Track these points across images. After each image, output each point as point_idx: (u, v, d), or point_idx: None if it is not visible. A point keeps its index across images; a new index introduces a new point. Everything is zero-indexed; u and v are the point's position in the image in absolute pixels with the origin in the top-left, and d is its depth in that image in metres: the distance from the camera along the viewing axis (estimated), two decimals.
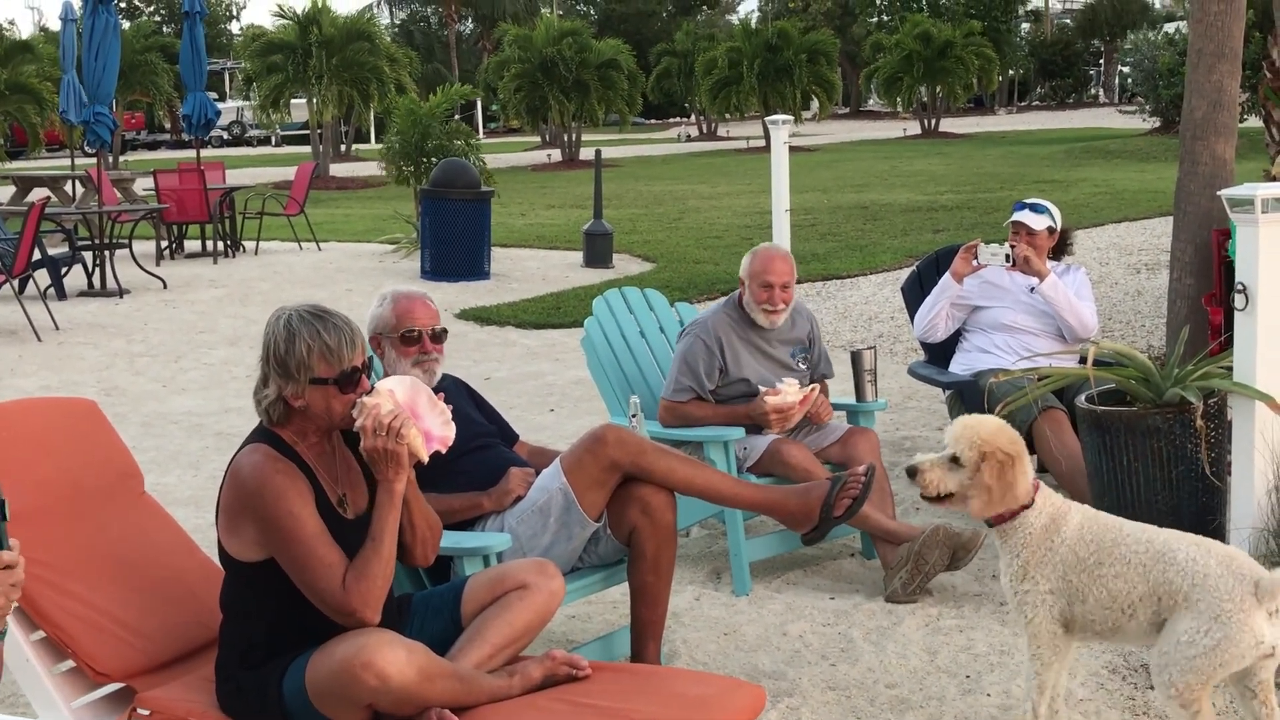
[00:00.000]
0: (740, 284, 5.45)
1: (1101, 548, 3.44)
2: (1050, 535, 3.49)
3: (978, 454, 3.48)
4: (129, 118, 45.66)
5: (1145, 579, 3.36)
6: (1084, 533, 3.48)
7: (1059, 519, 3.51)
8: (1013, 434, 3.54)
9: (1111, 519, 3.55)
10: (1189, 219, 7.16)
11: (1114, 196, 19.04)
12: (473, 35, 65.31)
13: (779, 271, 5.34)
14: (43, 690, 3.32)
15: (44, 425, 3.64)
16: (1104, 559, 3.43)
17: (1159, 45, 30.99)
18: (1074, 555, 3.46)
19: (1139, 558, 3.38)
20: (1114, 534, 3.47)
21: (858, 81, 53.62)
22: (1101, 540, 3.45)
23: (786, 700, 4.13)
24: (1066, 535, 3.48)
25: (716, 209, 20.66)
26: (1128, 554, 3.40)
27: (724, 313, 5.43)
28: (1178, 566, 3.32)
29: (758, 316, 5.37)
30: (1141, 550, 3.39)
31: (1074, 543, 3.47)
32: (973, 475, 3.49)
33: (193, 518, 5.93)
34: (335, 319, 3.24)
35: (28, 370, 9.82)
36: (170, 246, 16.44)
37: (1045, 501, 3.53)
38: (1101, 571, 3.42)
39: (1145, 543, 3.41)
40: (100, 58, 14.01)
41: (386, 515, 3.18)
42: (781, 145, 7.97)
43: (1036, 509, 3.51)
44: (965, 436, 3.52)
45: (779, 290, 5.33)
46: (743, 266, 5.43)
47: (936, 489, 3.56)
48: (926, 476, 3.57)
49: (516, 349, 10.60)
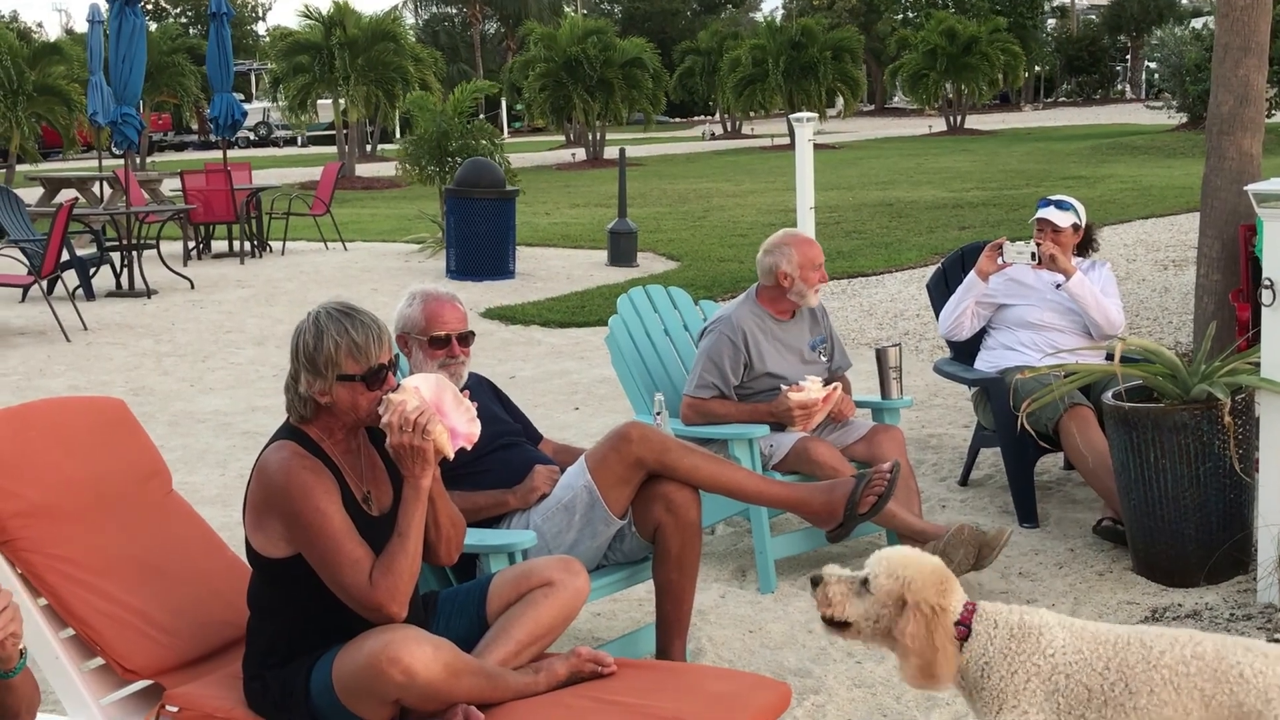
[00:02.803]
0: (784, 279, 5.41)
1: (1128, 672, 2.77)
2: (1025, 652, 2.85)
3: (898, 594, 2.93)
4: (156, 119, 45.86)
5: (1205, 706, 2.71)
6: (1088, 655, 2.81)
7: (1026, 632, 2.87)
8: (945, 580, 2.94)
9: (1104, 628, 2.88)
10: (1215, 214, 7.13)
11: (1141, 193, 18.95)
12: (497, 35, 65.43)
13: (819, 251, 5.48)
14: (72, 688, 3.34)
15: (72, 424, 3.66)
16: (1136, 687, 2.76)
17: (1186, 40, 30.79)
18: (1083, 688, 2.79)
19: (1190, 680, 2.73)
20: (1138, 652, 2.79)
21: (882, 78, 53.50)
22: (1125, 662, 2.78)
23: (812, 698, 4.13)
24: (1058, 659, 2.82)
25: (741, 207, 20.64)
26: (1172, 677, 2.74)
27: (746, 308, 5.44)
28: (1248, 684, 2.69)
29: (809, 299, 5.42)
30: (1192, 670, 2.73)
31: (1077, 669, 2.80)
32: (879, 611, 2.94)
33: (220, 516, 5.96)
34: (363, 316, 3.26)
35: (56, 370, 9.88)
36: (197, 247, 16.52)
37: (988, 618, 2.91)
38: (1137, 704, 2.75)
39: (1192, 659, 2.74)
40: (127, 59, 14.08)
41: (413, 511, 3.20)
42: (806, 142, 7.97)
43: (979, 633, 2.90)
44: (889, 566, 2.97)
45: (822, 267, 5.47)
46: (784, 263, 5.38)
47: (833, 611, 3.00)
48: (828, 590, 3.01)
49: (541, 347, 10.62)
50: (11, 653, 2.44)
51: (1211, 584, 4.79)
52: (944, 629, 2.87)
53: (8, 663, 2.46)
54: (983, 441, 6.18)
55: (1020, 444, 5.52)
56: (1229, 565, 4.81)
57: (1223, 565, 4.79)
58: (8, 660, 2.45)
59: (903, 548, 3.05)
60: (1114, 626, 2.90)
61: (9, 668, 2.47)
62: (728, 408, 5.30)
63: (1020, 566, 5.23)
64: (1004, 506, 5.95)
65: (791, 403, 5.18)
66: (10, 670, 2.47)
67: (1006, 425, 5.50)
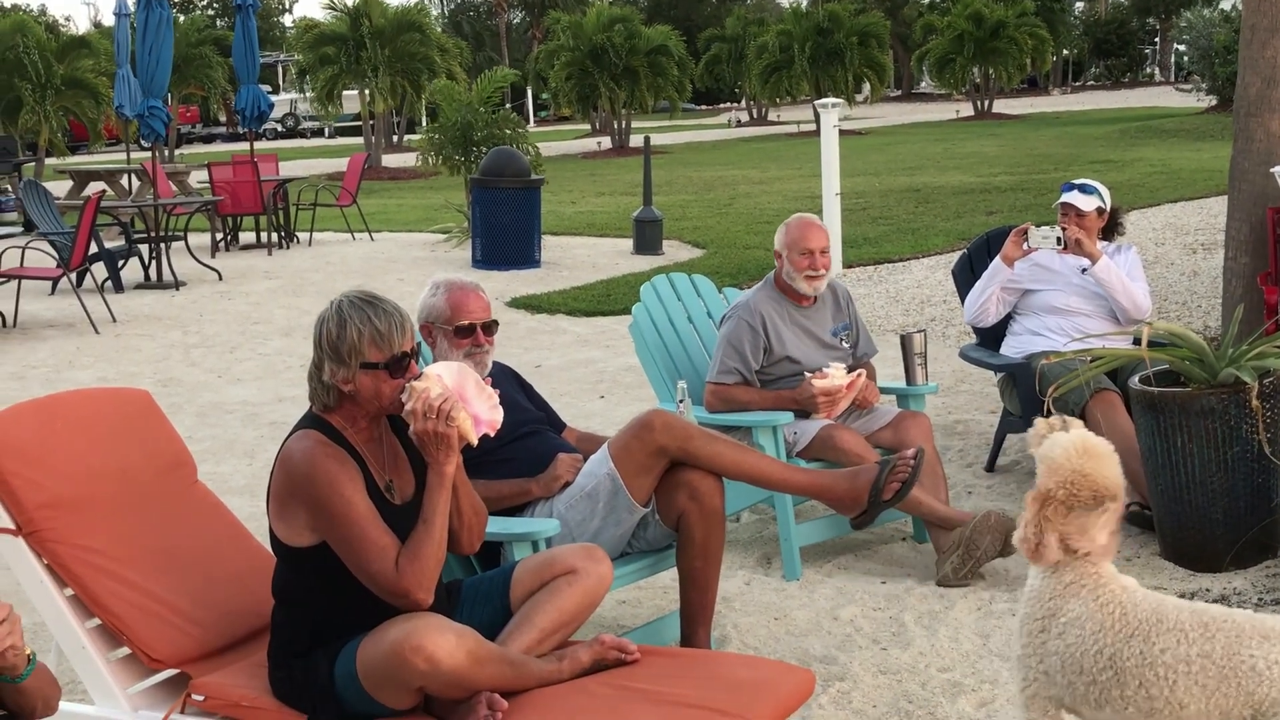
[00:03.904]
0: (777, 258, 5.44)
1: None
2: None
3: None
4: (184, 111, 46.09)
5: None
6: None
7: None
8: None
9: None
10: (1243, 197, 7.08)
11: (1170, 176, 18.83)
12: (522, 24, 65.46)
13: (816, 237, 5.37)
14: (99, 677, 3.37)
15: (97, 415, 3.68)
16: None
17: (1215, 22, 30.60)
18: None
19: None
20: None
21: (909, 64, 53.30)
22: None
23: (838, 684, 4.12)
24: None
25: (767, 194, 20.60)
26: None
27: (764, 293, 5.43)
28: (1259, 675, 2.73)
29: (800, 285, 5.37)
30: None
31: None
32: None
33: (247, 506, 5.99)
34: (385, 304, 3.28)
35: (85, 362, 9.94)
36: (225, 238, 16.59)
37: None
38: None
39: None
40: (154, 52, 14.13)
41: (437, 497, 3.21)
42: (831, 129, 7.97)
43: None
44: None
45: (818, 255, 5.35)
46: (777, 240, 5.44)
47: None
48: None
49: (567, 336, 10.63)
50: (13, 662, 2.45)
51: (1239, 568, 4.76)
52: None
53: (13, 670, 2.47)
54: (1009, 427, 6.16)
55: None
56: (1256, 550, 4.78)
57: (1250, 550, 4.76)
58: (12, 669, 2.47)
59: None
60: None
61: (15, 675, 2.48)
62: (751, 394, 5.29)
63: None
64: None
65: (815, 389, 5.17)
66: (17, 676, 2.49)
67: (1033, 411, 5.46)
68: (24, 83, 25.88)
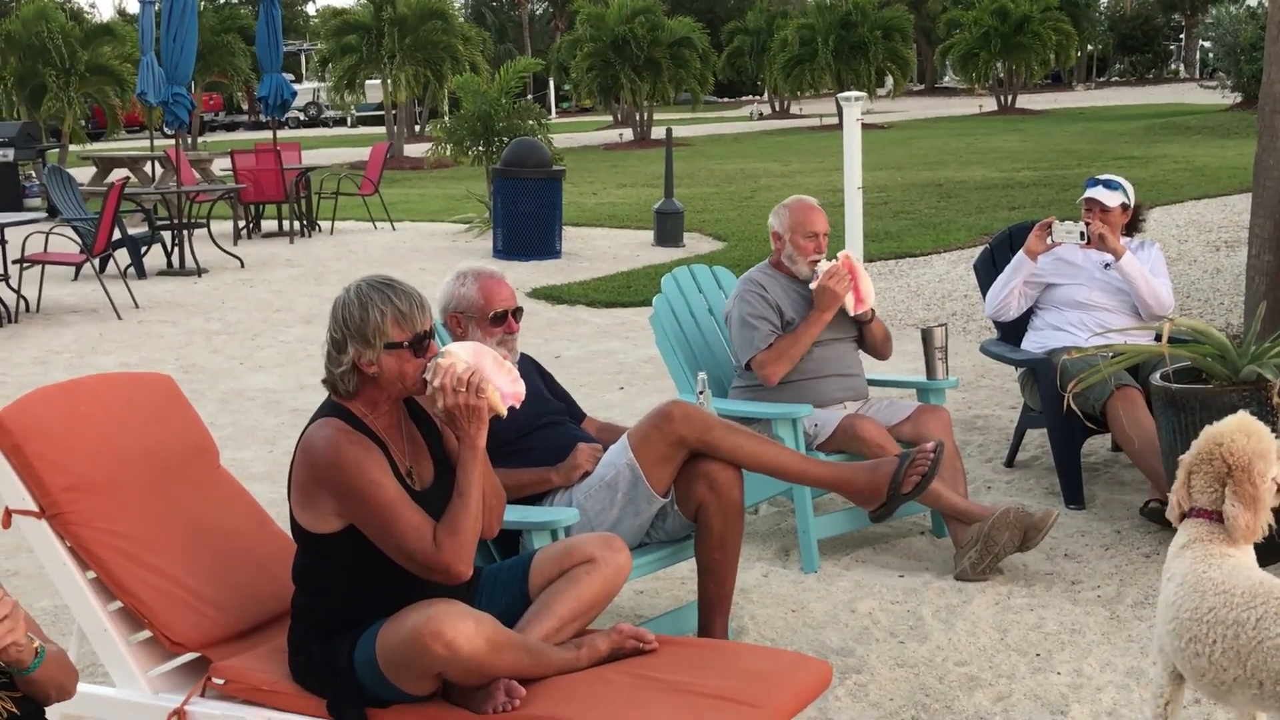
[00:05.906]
0: (775, 240, 5.45)
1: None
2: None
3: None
4: (207, 99, 46.21)
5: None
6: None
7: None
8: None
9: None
10: (1268, 194, 7.04)
11: (1194, 173, 18.73)
12: (545, 15, 65.44)
13: (820, 220, 5.41)
14: (120, 659, 3.39)
15: (121, 400, 3.70)
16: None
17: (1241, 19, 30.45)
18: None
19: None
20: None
21: (933, 58, 53.13)
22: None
23: (855, 677, 4.12)
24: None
25: (789, 187, 20.55)
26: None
27: (758, 269, 5.51)
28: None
29: (801, 269, 5.40)
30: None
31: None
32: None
33: (268, 492, 6.01)
34: (403, 286, 3.32)
35: (108, 348, 9.99)
36: (247, 226, 16.65)
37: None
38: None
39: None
40: (178, 39, 14.19)
41: (471, 470, 3.23)
42: (854, 122, 7.94)
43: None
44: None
45: (821, 239, 5.39)
46: (776, 223, 5.46)
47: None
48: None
49: (587, 327, 10.64)
50: (16, 658, 2.46)
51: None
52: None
53: (18, 665, 2.48)
54: (1029, 422, 6.15)
55: (1067, 425, 5.48)
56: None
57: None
58: (17, 664, 2.48)
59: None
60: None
61: (22, 668, 2.50)
62: (793, 337, 5.30)
63: (1066, 548, 5.21)
64: (1050, 488, 5.91)
65: (821, 278, 5.22)
66: (25, 669, 2.50)
67: (1053, 406, 5.46)
68: (48, 69, 25.98)
